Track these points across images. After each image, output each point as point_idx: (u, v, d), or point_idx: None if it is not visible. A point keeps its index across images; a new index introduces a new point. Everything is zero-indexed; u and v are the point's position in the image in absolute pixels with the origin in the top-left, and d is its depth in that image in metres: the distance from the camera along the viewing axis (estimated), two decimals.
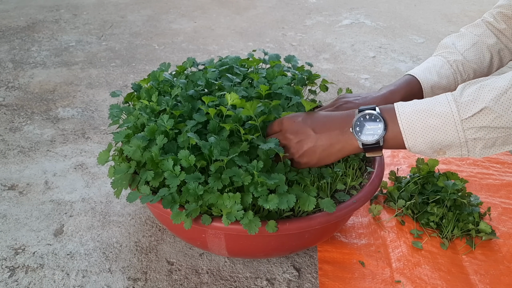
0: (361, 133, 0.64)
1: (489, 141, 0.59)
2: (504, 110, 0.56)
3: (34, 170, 1.09)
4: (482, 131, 0.58)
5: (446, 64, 0.85)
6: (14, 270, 0.81)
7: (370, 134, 0.63)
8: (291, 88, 0.86)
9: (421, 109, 0.61)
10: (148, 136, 0.72)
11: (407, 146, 0.62)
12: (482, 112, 0.57)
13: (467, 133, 0.59)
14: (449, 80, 0.84)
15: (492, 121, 0.57)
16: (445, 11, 2.41)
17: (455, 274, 0.80)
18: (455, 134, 0.59)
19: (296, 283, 0.80)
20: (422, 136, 0.61)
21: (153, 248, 0.86)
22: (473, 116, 0.58)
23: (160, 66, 0.91)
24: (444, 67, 0.84)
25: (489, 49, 0.87)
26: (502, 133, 0.58)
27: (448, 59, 0.85)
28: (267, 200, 0.65)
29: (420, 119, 0.60)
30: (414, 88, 0.82)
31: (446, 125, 0.59)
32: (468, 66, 0.85)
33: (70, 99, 1.43)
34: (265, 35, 2.04)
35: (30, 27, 2.07)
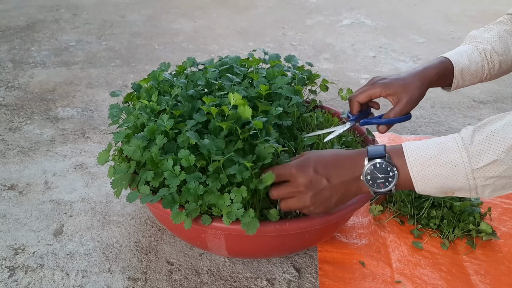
0: (372, 181, 0.63)
1: (498, 186, 0.59)
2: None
3: (34, 170, 1.09)
4: (492, 179, 0.58)
5: (475, 51, 0.87)
6: (14, 270, 0.81)
7: (382, 183, 0.63)
8: (291, 88, 0.86)
9: (431, 157, 0.60)
10: (148, 136, 0.72)
11: (417, 191, 0.62)
12: (493, 164, 0.57)
13: (477, 180, 0.59)
14: (477, 66, 0.86)
15: (503, 172, 0.57)
16: (445, 11, 2.41)
17: (456, 274, 0.80)
18: (466, 181, 0.59)
19: (296, 283, 0.79)
20: (433, 182, 0.60)
21: (153, 248, 0.86)
22: (484, 167, 0.58)
23: (160, 66, 0.91)
24: (474, 54, 0.87)
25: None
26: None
27: (478, 47, 0.88)
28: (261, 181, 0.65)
29: (431, 167, 0.60)
30: (446, 68, 0.84)
31: (457, 174, 0.59)
32: (495, 56, 0.88)
33: (70, 99, 1.43)
34: (265, 34, 2.04)
35: (30, 27, 2.07)
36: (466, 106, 1.43)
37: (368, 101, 0.84)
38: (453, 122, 1.34)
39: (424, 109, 1.40)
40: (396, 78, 0.82)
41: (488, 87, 1.55)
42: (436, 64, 0.84)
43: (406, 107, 0.81)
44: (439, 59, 0.86)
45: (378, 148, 0.64)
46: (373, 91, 0.82)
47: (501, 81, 1.60)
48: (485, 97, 1.49)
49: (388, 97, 0.82)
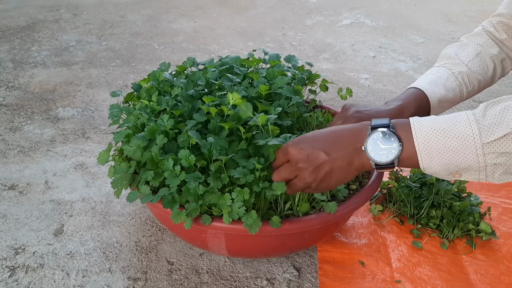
0: (374, 152, 0.59)
1: (510, 167, 0.55)
2: None
3: (34, 170, 1.09)
4: (504, 157, 0.54)
5: (451, 76, 0.82)
6: (14, 270, 0.81)
7: (384, 154, 0.58)
8: (291, 88, 0.86)
9: (440, 129, 0.56)
10: (148, 136, 0.72)
11: (422, 167, 0.58)
12: (505, 138, 0.53)
13: (487, 157, 0.54)
14: (455, 92, 0.82)
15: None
16: (445, 11, 2.41)
17: (455, 274, 0.80)
18: (475, 158, 0.55)
19: (296, 283, 0.80)
20: (439, 157, 0.56)
21: (153, 248, 0.86)
22: (496, 140, 0.53)
23: (160, 66, 0.91)
24: (449, 79, 0.82)
25: (492, 59, 0.85)
26: None
27: (453, 70, 0.83)
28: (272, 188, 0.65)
29: (438, 139, 0.56)
30: (422, 103, 0.79)
31: (465, 148, 0.55)
32: (473, 77, 0.83)
33: (70, 99, 1.43)
34: (265, 35, 2.04)
35: (30, 27, 2.07)
36: (466, 106, 1.43)
37: None
38: None
39: None
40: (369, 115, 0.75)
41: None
42: (411, 101, 0.78)
43: None
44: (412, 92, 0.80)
45: (382, 119, 0.60)
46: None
47: (501, 81, 1.60)
48: (485, 97, 1.49)
49: None
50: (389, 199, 0.97)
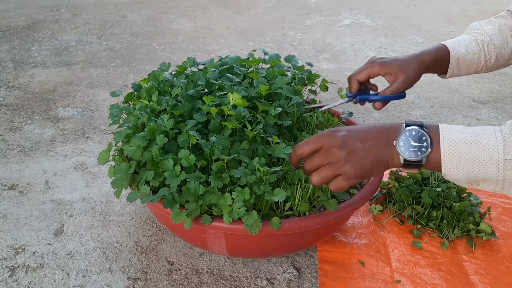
0: (405, 148, 0.61)
1: None
2: None
3: (34, 169, 1.09)
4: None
5: (474, 41, 0.89)
6: (14, 269, 0.81)
7: (414, 152, 0.60)
8: (291, 88, 0.86)
9: (468, 140, 0.58)
10: (148, 136, 0.72)
11: (443, 173, 0.60)
12: None
13: (507, 172, 0.57)
14: (474, 56, 0.88)
15: None
16: (445, 11, 2.41)
17: (455, 274, 0.80)
18: (495, 172, 0.57)
19: (296, 282, 0.80)
20: (462, 167, 0.58)
21: (153, 247, 0.86)
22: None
23: (160, 66, 0.91)
24: (472, 44, 0.89)
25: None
26: None
27: (476, 38, 0.90)
28: (273, 194, 0.65)
29: (465, 150, 0.58)
30: (442, 55, 0.86)
31: (488, 161, 0.57)
32: (492, 48, 0.89)
33: (70, 99, 1.43)
34: (265, 35, 2.04)
35: (30, 27, 2.07)
36: (466, 106, 1.43)
37: (367, 79, 0.87)
38: (452, 122, 1.34)
39: (424, 109, 1.41)
40: (394, 59, 0.85)
41: (487, 87, 1.56)
42: (433, 50, 0.86)
43: (402, 86, 0.83)
44: (437, 45, 0.88)
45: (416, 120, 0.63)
46: (371, 70, 0.85)
47: (501, 81, 1.60)
48: (484, 97, 1.49)
49: (385, 76, 0.85)
50: (389, 199, 0.97)
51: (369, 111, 1.38)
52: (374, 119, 1.34)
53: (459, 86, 1.56)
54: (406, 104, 1.43)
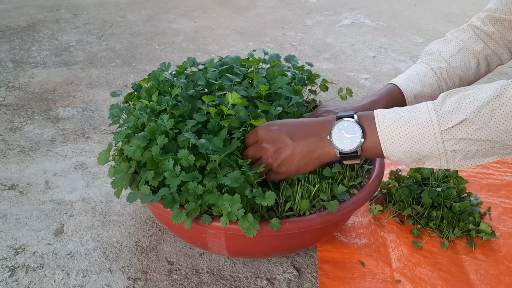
0: (339, 141, 0.62)
1: (469, 153, 0.57)
2: (484, 123, 0.55)
3: (34, 170, 1.09)
4: (462, 143, 0.56)
5: (429, 72, 0.83)
6: (14, 269, 0.81)
7: (348, 143, 0.61)
8: (291, 88, 0.86)
9: (401, 118, 0.59)
10: (148, 136, 0.72)
11: (385, 155, 0.60)
12: (462, 124, 0.55)
13: (446, 144, 0.57)
14: (433, 88, 0.83)
15: (472, 133, 0.55)
16: (445, 11, 2.41)
17: (455, 274, 0.80)
18: (434, 145, 0.57)
19: (296, 282, 0.80)
20: (401, 145, 0.59)
21: (153, 247, 0.86)
22: (453, 127, 0.56)
23: (160, 66, 0.91)
24: (427, 75, 0.83)
25: (475, 55, 0.85)
26: (482, 145, 0.56)
27: (432, 66, 0.84)
28: (264, 198, 0.65)
29: (400, 127, 0.59)
30: (396, 98, 0.80)
31: (425, 135, 0.57)
32: (453, 73, 0.83)
33: (70, 99, 1.43)
34: (265, 35, 2.04)
35: (30, 27, 2.07)
36: None
37: None
38: None
39: None
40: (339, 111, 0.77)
41: None
42: (384, 97, 0.80)
43: None
44: (388, 88, 0.82)
45: (348, 111, 0.64)
46: None
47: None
48: None
49: None
50: (389, 199, 0.97)
51: None
52: None
53: None
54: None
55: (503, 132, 0.55)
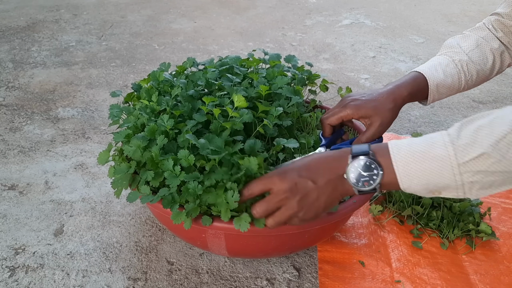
0: (357, 180, 0.60)
1: (486, 183, 0.57)
2: (502, 156, 0.54)
3: (34, 170, 1.09)
4: (480, 175, 0.56)
5: (451, 63, 0.85)
6: (14, 270, 0.81)
7: (366, 181, 0.60)
8: (291, 88, 0.86)
9: (416, 151, 0.58)
10: (148, 136, 0.72)
11: (402, 188, 0.60)
12: (480, 157, 0.55)
13: (464, 176, 0.56)
14: (453, 79, 0.85)
15: (490, 166, 0.55)
16: (445, 11, 2.41)
17: (455, 274, 0.80)
18: (452, 178, 0.57)
19: (296, 283, 0.80)
20: (418, 179, 0.58)
21: (153, 248, 0.86)
22: (471, 160, 0.55)
23: (160, 66, 0.91)
24: (449, 66, 0.85)
25: (492, 51, 0.87)
26: (500, 176, 0.56)
27: (454, 58, 0.86)
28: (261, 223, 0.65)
29: (416, 163, 0.58)
30: (420, 84, 0.82)
31: (442, 169, 0.57)
32: (472, 66, 0.86)
33: (70, 99, 1.43)
34: (265, 35, 2.04)
35: (30, 27, 2.07)
36: (466, 106, 1.43)
37: (340, 123, 0.81)
38: (452, 122, 1.34)
39: (423, 109, 1.41)
40: (367, 100, 0.78)
41: (487, 87, 1.56)
42: (409, 82, 0.81)
43: (378, 131, 0.78)
44: (412, 74, 0.83)
45: (362, 146, 0.61)
46: (344, 114, 0.79)
47: (501, 81, 1.60)
48: (484, 97, 1.49)
49: (360, 120, 0.80)
50: (388, 199, 0.97)
51: None
52: None
53: None
54: (406, 104, 1.43)
55: None
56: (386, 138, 1.22)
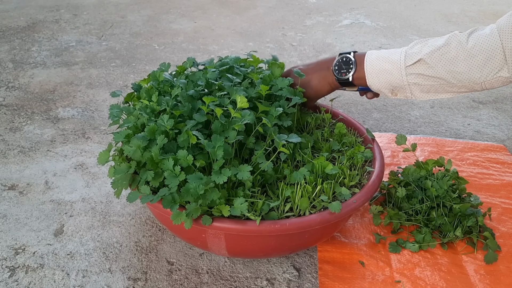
0: (338, 70, 0.84)
1: (425, 87, 0.77)
2: (434, 63, 0.74)
3: (34, 170, 1.09)
4: (419, 78, 0.76)
5: None
6: (14, 270, 0.81)
7: (344, 72, 0.83)
8: (291, 90, 0.86)
9: (381, 56, 0.79)
10: (148, 136, 0.72)
11: (368, 84, 0.82)
12: (418, 62, 0.75)
13: (409, 77, 0.77)
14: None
15: (425, 70, 0.75)
16: (445, 11, 2.41)
17: (455, 274, 0.80)
18: (400, 78, 0.77)
19: (296, 283, 0.80)
20: (377, 77, 0.80)
21: (153, 248, 0.86)
22: (413, 64, 0.75)
23: (160, 66, 0.91)
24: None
25: None
26: (434, 82, 0.75)
27: None
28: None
29: (379, 63, 0.79)
30: None
31: (394, 70, 0.77)
32: None
33: (70, 99, 1.43)
34: (265, 35, 2.04)
35: (30, 27, 2.07)
36: (466, 106, 1.43)
37: None
38: (452, 122, 1.34)
39: (423, 109, 1.41)
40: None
41: None
42: None
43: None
44: None
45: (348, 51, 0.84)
46: None
47: None
48: (484, 97, 1.49)
49: None
50: (388, 200, 0.97)
51: (369, 111, 1.38)
52: (374, 119, 1.34)
53: None
54: (406, 104, 1.43)
55: (448, 73, 0.74)
56: (387, 138, 1.22)
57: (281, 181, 0.77)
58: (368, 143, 0.90)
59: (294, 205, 0.72)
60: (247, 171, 0.69)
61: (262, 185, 0.76)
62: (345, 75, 0.83)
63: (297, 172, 0.74)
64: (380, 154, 0.85)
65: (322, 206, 0.73)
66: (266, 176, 0.76)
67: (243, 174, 0.68)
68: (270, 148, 0.78)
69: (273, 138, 0.75)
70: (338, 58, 0.84)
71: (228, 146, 0.72)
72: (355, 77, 0.82)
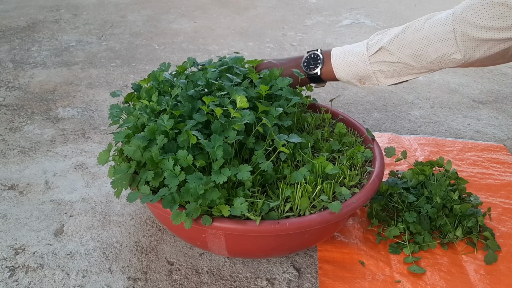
0: (307, 66, 0.90)
1: (389, 72, 0.82)
2: (394, 49, 0.80)
3: (34, 170, 1.09)
4: (382, 65, 0.82)
5: None
6: (14, 270, 0.81)
7: (312, 67, 0.89)
8: (291, 89, 0.86)
9: (346, 50, 0.86)
10: (148, 136, 0.72)
11: (337, 77, 0.87)
12: (380, 51, 0.81)
13: (372, 66, 0.82)
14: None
15: (387, 57, 0.80)
16: None
17: (455, 274, 0.80)
18: (365, 67, 0.83)
19: (296, 283, 0.80)
20: (345, 69, 0.86)
21: (153, 248, 0.86)
22: (375, 53, 0.81)
23: (160, 66, 0.91)
24: None
25: None
26: (396, 66, 0.81)
27: None
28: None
29: (344, 56, 0.86)
30: None
31: (359, 61, 0.83)
32: None
33: (70, 99, 1.43)
34: (265, 35, 2.04)
35: (30, 27, 2.07)
36: (466, 106, 1.43)
37: None
38: (452, 122, 1.34)
39: (423, 109, 1.41)
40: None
41: (487, 87, 1.56)
42: None
43: None
44: None
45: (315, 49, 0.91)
46: None
47: (501, 81, 1.60)
48: (484, 97, 1.49)
49: None
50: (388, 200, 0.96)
51: (368, 111, 1.38)
52: (374, 119, 1.34)
53: (458, 86, 1.56)
54: (406, 104, 1.43)
55: (408, 56, 0.79)
56: (387, 138, 1.22)
57: (281, 181, 0.77)
58: (368, 143, 0.90)
59: (294, 205, 0.72)
60: (247, 171, 0.68)
61: (262, 185, 0.76)
62: (313, 70, 0.89)
63: (297, 172, 0.74)
64: (380, 154, 0.85)
65: (322, 206, 0.73)
66: (266, 176, 0.76)
67: (243, 174, 0.68)
68: (270, 148, 0.78)
69: (273, 138, 0.75)
70: (306, 55, 0.90)
71: (228, 146, 0.72)
72: (323, 71, 0.88)
